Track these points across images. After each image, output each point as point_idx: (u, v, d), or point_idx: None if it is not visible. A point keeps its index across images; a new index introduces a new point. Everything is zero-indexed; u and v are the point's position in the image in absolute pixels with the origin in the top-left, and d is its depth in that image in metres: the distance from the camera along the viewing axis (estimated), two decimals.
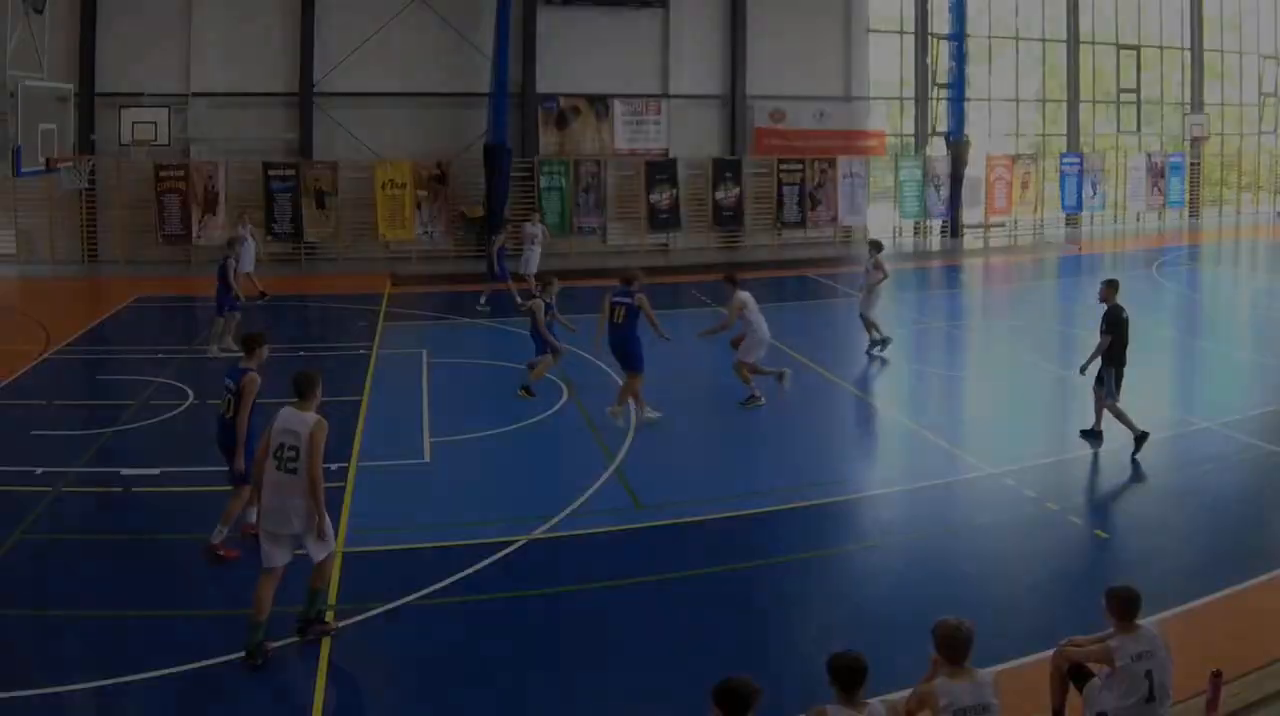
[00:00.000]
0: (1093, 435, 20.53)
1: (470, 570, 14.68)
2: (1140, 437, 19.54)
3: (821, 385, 25.22)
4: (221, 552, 15.06)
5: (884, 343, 27.55)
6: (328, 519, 12.44)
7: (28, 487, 17.56)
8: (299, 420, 12.37)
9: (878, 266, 27.53)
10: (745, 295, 23.08)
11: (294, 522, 12.35)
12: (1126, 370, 20.06)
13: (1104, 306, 20.37)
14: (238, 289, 28.05)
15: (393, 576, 14.55)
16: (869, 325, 27.71)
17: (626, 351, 21.59)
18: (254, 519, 14.13)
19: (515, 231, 40.38)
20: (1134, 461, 19.33)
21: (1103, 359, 19.95)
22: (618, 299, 21.73)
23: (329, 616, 13.24)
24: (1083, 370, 20.23)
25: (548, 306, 23.77)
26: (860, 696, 8.51)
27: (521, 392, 23.40)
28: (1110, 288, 20.57)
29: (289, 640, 12.63)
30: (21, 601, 13.79)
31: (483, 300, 33.55)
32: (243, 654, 12.15)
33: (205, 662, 12.07)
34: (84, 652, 12.53)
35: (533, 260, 35.87)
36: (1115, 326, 19.99)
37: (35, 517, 16.45)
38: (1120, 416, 19.91)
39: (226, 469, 15.33)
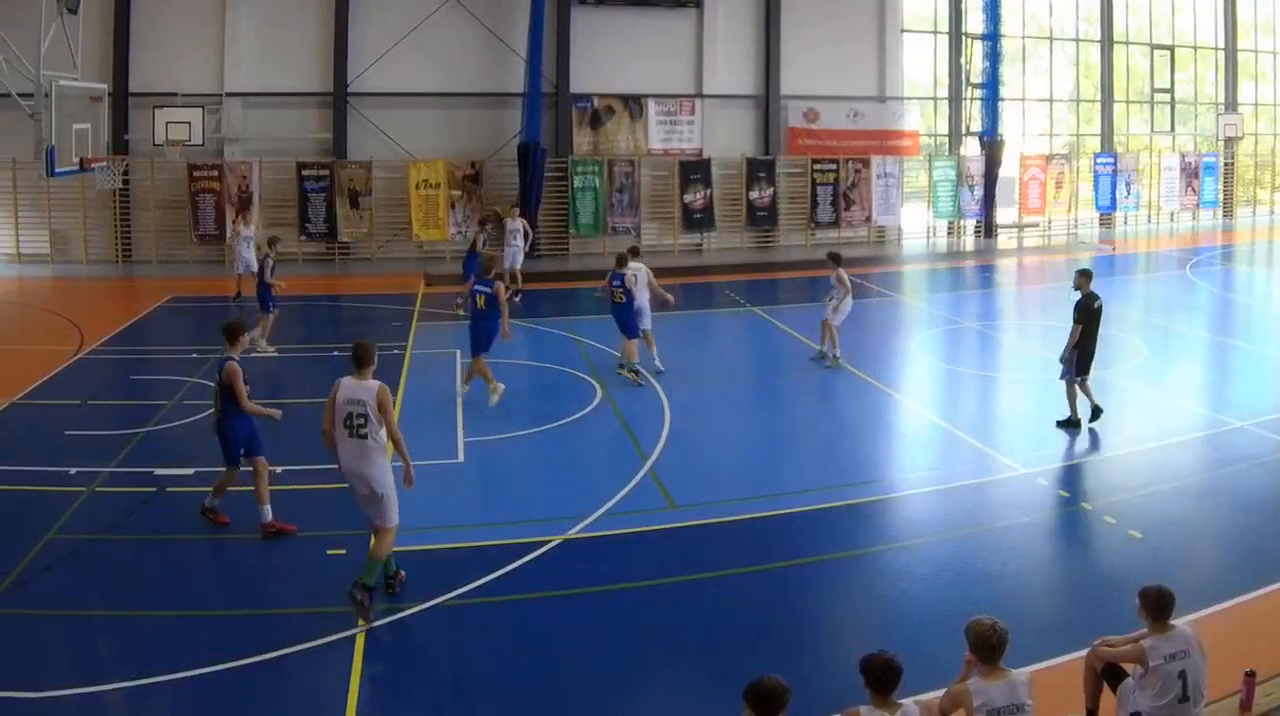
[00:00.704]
0: (1070, 423, 20.93)
1: (504, 570, 14.55)
2: (1088, 417, 20.87)
3: (855, 384, 24.78)
4: (213, 515, 16.09)
5: (832, 357, 25.88)
6: (412, 466, 13.52)
7: (61, 487, 17.42)
8: (362, 388, 13.32)
9: (840, 281, 25.86)
10: (637, 266, 25.05)
11: (369, 485, 13.36)
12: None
13: (1078, 295, 20.88)
14: (275, 285, 27.68)
15: (426, 576, 14.33)
16: (830, 336, 26.14)
17: (625, 322, 24.32)
18: (269, 517, 15.75)
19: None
20: (1092, 431, 20.54)
21: (1070, 341, 20.65)
22: (616, 282, 24.25)
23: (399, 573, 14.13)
24: (1062, 359, 20.79)
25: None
26: (894, 697, 8.50)
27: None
28: (1084, 277, 20.99)
29: (321, 640, 12.51)
30: (55, 601, 13.63)
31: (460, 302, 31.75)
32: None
33: (239, 662, 11.96)
34: (117, 652, 12.39)
35: (517, 256, 35.60)
36: (1086, 314, 20.49)
37: (69, 517, 16.29)
38: (1072, 397, 20.83)
39: (226, 453, 15.98)
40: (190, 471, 18.11)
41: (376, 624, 13.01)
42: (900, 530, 16.53)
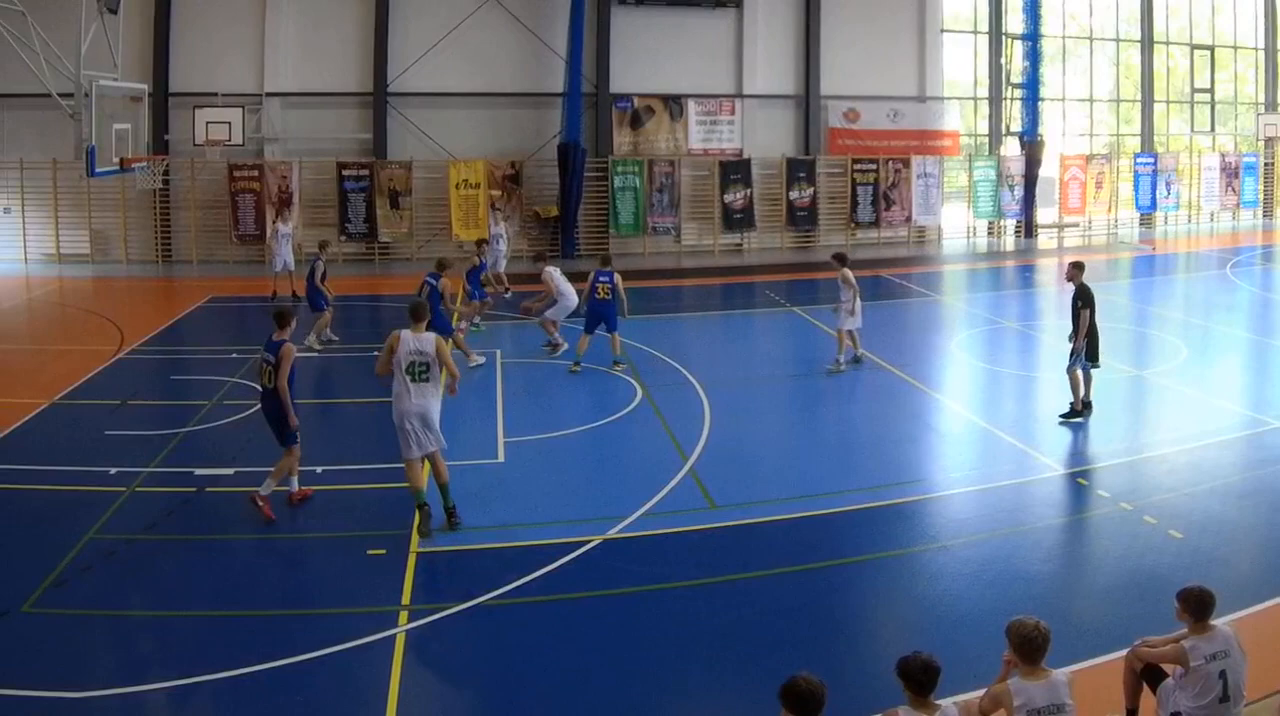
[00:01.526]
0: (1073, 413, 20.91)
1: (544, 570, 14.34)
2: (1077, 410, 20.83)
3: (895, 384, 24.32)
4: (261, 505, 15.99)
5: (835, 361, 24.95)
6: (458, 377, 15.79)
7: (101, 487, 17.19)
8: (422, 339, 15.35)
9: (845, 282, 24.74)
10: (551, 269, 26.07)
11: (429, 418, 15.30)
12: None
13: (1072, 286, 21.15)
14: (325, 289, 27.39)
15: (467, 576, 14.33)
16: (852, 339, 25.24)
17: (609, 316, 24.78)
18: (295, 486, 16.76)
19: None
20: (1066, 423, 20.62)
21: (1082, 330, 20.71)
22: (604, 279, 24.79)
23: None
24: (1076, 349, 20.80)
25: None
26: (932, 697, 8.37)
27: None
28: (1077, 268, 21.21)
29: (361, 640, 12.35)
30: (95, 601, 13.46)
31: (477, 321, 30.17)
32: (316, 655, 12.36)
33: (280, 662, 11.82)
34: (158, 652, 12.28)
35: (500, 260, 34.95)
36: (1091, 298, 20.73)
37: (109, 517, 16.06)
38: (1075, 385, 20.82)
39: (275, 434, 16.49)
40: (230, 471, 17.91)
41: (416, 623, 12.84)
42: (940, 530, 16.18)
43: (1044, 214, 51.10)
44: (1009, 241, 50.69)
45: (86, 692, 11.17)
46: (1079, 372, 20.71)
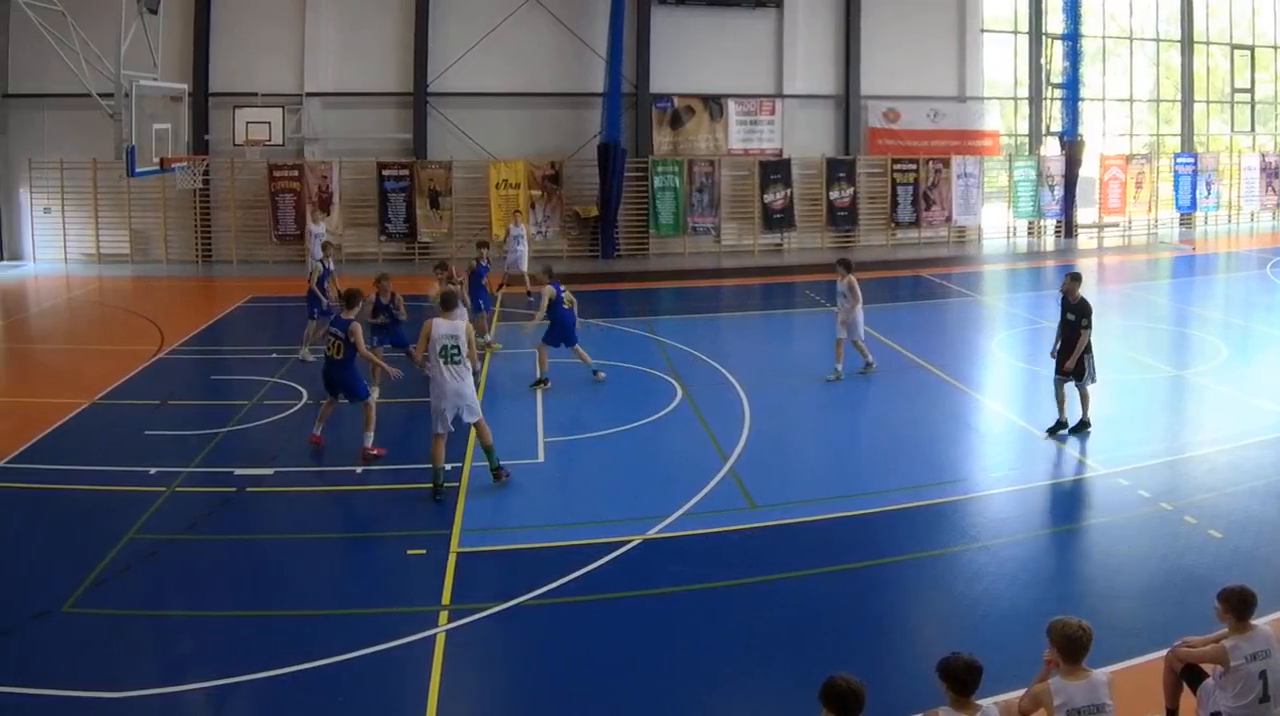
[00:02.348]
0: (1082, 424, 19.78)
1: (584, 570, 14.17)
2: (1061, 426, 19.66)
3: (935, 384, 24.00)
4: (375, 452, 18.27)
5: (836, 372, 23.80)
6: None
7: (141, 487, 17.02)
8: (453, 326, 16.58)
9: (850, 289, 23.53)
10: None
11: (465, 395, 16.55)
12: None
13: (1067, 298, 19.72)
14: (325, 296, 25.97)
15: (507, 576, 14.17)
16: (853, 347, 24.10)
17: (570, 330, 23.53)
18: (319, 431, 18.85)
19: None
20: (1056, 438, 19.53)
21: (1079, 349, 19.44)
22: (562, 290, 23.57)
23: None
24: (1079, 364, 19.48)
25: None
26: (973, 697, 8.23)
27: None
28: (1075, 281, 19.87)
29: (401, 640, 12.21)
30: (135, 601, 13.33)
31: (488, 338, 28.14)
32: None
33: (319, 662, 11.69)
34: (198, 652, 12.19)
35: (522, 259, 34.13)
36: (1091, 316, 19.45)
37: (149, 517, 15.91)
38: (1061, 400, 19.74)
39: (346, 400, 18.71)
40: (270, 471, 17.80)
41: (457, 624, 12.66)
42: (980, 530, 15.88)
43: (1084, 214, 50.19)
44: (1049, 241, 49.80)
45: (126, 692, 11.04)
46: (1065, 389, 19.67)
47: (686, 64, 44.26)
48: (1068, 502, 17.04)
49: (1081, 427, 19.58)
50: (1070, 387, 19.60)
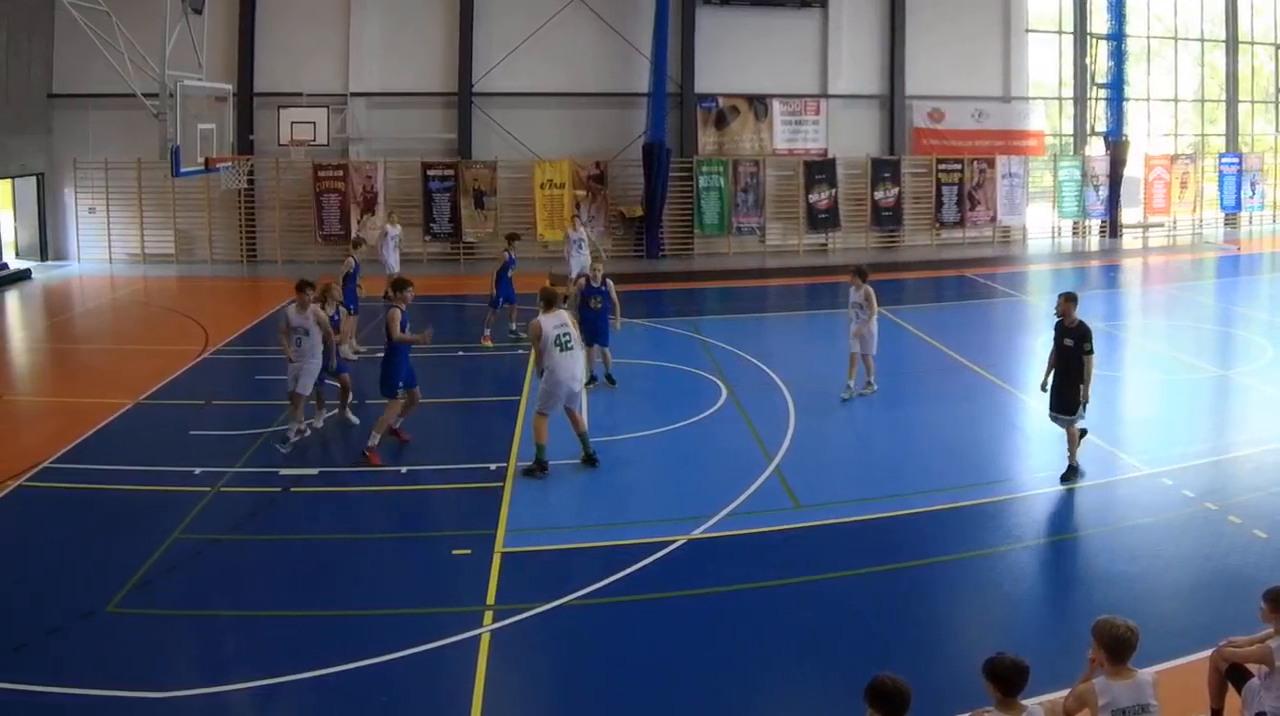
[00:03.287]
0: (1070, 472, 17.44)
1: (629, 570, 14.10)
2: (1073, 471, 17.38)
3: (979, 384, 23.77)
4: (369, 455, 17.93)
5: (867, 384, 22.38)
6: None
7: (186, 487, 17.01)
8: (559, 318, 17.48)
9: (867, 300, 21.93)
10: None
11: (580, 378, 17.73)
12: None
13: (1063, 321, 17.60)
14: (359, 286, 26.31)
15: (552, 576, 14.10)
16: (862, 363, 22.44)
17: (600, 329, 22.80)
18: (397, 425, 18.93)
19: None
20: (1064, 484, 17.29)
21: (1082, 378, 17.18)
22: (595, 291, 22.90)
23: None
24: (1071, 397, 17.29)
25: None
26: (1018, 698, 8.10)
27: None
28: (1070, 301, 17.62)
29: (448, 639, 12.20)
30: (180, 601, 13.33)
31: (513, 327, 28.62)
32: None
33: (363, 662, 11.64)
34: (242, 652, 12.14)
35: (578, 263, 31.87)
36: (1091, 342, 17.29)
37: (193, 517, 15.90)
38: (1074, 438, 17.43)
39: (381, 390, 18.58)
40: (315, 471, 17.79)
41: (502, 623, 12.63)
42: (1025, 530, 15.83)
43: (1129, 214, 49.02)
44: (1094, 241, 48.60)
45: (170, 692, 11.00)
46: (1076, 427, 17.34)
47: (731, 64, 43.35)
48: (1112, 503, 16.69)
49: (1071, 475, 17.30)
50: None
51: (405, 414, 18.93)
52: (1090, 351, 17.09)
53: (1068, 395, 17.19)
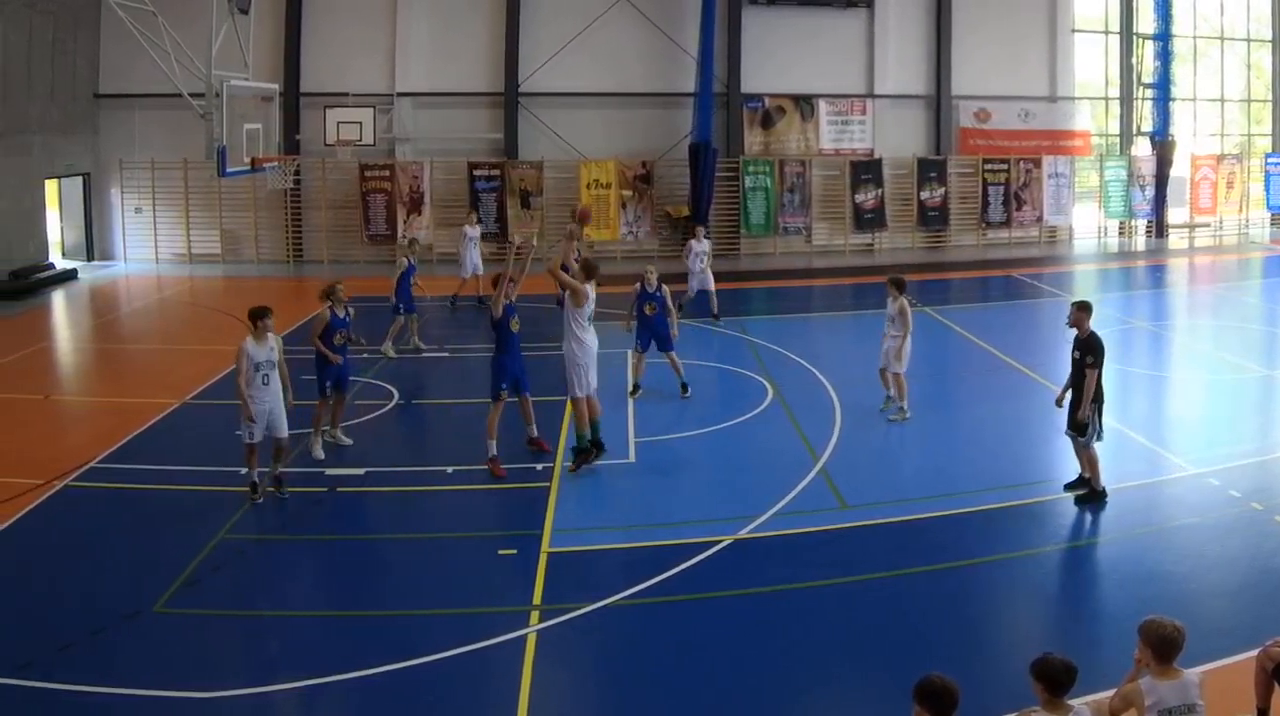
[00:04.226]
0: (1082, 483, 16.34)
1: (675, 570, 13.95)
2: (1098, 493, 16.11)
3: (1026, 384, 23.34)
4: (493, 469, 17.31)
5: (897, 409, 20.66)
6: None
7: (232, 487, 16.85)
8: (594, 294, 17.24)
9: (901, 314, 20.33)
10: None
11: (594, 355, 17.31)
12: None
13: (1074, 332, 16.38)
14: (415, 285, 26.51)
15: (598, 576, 13.97)
16: (893, 382, 20.82)
17: (663, 335, 22.10)
18: (533, 432, 18.56)
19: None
20: (1078, 506, 16.14)
21: (1089, 394, 15.91)
22: (650, 296, 22.10)
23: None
24: (1086, 419, 15.98)
25: None
26: (1065, 698, 7.97)
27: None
28: (1084, 310, 16.35)
29: (494, 639, 12.09)
30: (226, 601, 13.28)
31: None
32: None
33: (410, 662, 11.55)
34: (288, 653, 12.00)
35: (708, 279, 30.27)
36: (1101, 355, 15.94)
37: (239, 517, 15.80)
38: (1094, 462, 16.15)
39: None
40: (361, 471, 17.64)
41: (548, 623, 12.53)
42: (1071, 530, 15.61)
43: (1175, 214, 47.83)
44: (1140, 241, 47.50)
45: (216, 692, 10.94)
46: (1091, 445, 16.01)
47: (777, 64, 42.50)
48: (1159, 503, 16.47)
49: (1093, 497, 16.07)
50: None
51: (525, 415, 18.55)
52: (1092, 365, 15.78)
53: (1076, 413, 15.99)
